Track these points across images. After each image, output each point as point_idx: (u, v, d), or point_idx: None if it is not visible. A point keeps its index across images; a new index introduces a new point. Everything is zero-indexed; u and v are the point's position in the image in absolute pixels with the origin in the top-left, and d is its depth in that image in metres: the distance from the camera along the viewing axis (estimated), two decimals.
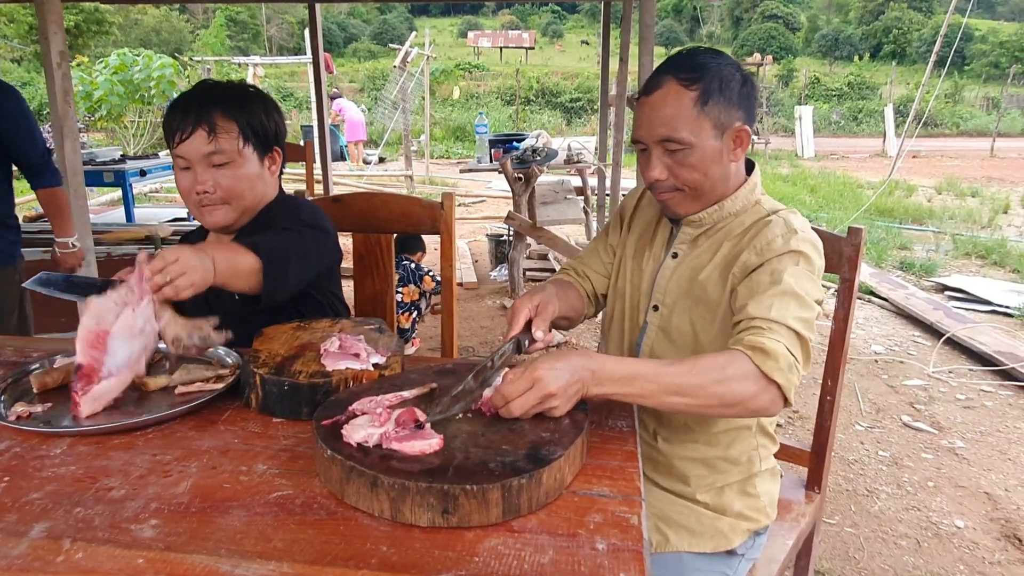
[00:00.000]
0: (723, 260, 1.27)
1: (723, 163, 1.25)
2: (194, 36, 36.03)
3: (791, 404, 1.11)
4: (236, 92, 1.52)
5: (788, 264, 1.18)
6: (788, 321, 1.11)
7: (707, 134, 1.21)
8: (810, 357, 1.15)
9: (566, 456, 0.93)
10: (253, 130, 1.50)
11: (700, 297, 1.29)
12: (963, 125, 24.17)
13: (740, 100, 1.23)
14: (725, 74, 1.22)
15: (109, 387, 1.15)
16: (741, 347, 1.10)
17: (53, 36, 3.00)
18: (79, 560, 0.79)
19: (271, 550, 0.81)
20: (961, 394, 3.75)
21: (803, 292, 1.15)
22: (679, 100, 1.21)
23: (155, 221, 5.32)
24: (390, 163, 15.04)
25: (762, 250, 1.21)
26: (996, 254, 6.76)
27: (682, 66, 1.22)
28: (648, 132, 1.24)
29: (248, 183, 1.51)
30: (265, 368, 1.17)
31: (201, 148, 1.45)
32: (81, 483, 0.96)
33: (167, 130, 1.48)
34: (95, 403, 1.14)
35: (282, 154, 1.61)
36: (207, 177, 1.47)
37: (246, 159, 1.50)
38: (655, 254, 1.39)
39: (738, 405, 1.07)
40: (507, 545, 0.83)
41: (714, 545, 1.32)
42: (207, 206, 1.50)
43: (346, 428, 0.97)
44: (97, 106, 11.50)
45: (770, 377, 1.07)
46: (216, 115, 1.45)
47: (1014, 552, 2.42)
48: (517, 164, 5.07)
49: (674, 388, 1.04)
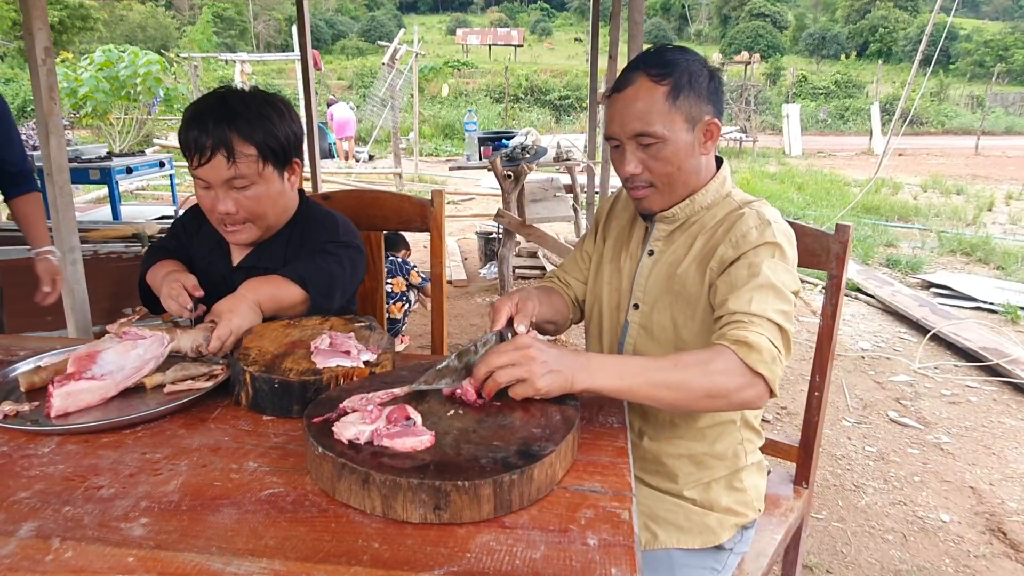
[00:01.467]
0: (699, 254, 1.29)
1: (695, 156, 1.27)
2: (180, 32, 35.79)
3: (776, 396, 1.12)
4: (250, 108, 1.45)
5: (764, 256, 1.19)
6: (768, 314, 1.13)
7: (679, 127, 1.24)
8: (791, 348, 1.17)
9: (557, 452, 0.94)
10: (271, 149, 1.46)
11: (679, 292, 1.30)
12: (948, 123, 24.41)
13: (709, 94, 1.26)
14: (694, 69, 1.24)
15: (89, 388, 1.14)
16: (725, 342, 1.11)
17: (38, 32, 2.96)
18: (68, 559, 0.79)
19: (263, 548, 0.81)
20: (947, 390, 3.79)
21: (781, 284, 1.17)
22: (651, 95, 1.22)
23: (142, 219, 5.29)
24: (379, 160, 15.00)
25: (738, 243, 1.23)
26: (981, 251, 6.84)
27: (652, 62, 1.24)
28: (621, 127, 1.26)
29: (270, 202, 1.51)
30: (255, 366, 1.17)
31: (221, 173, 1.42)
32: (70, 482, 0.95)
33: (185, 148, 1.44)
34: (67, 400, 1.11)
35: (301, 162, 1.59)
36: (229, 200, 1.45)
37: (267, 179, 1.48)
38: (632, 253, 1.41)
39: (724, 398, 1.08)
40: (499, 541, 0.83)
41: (703, 541, 1.33)
42: (231, 227, 1.50)
43: (337, 425, 0.97)
44: (82, 103, 11.39)
45: (755, 370, 1.08)
46: (234, 139, 1.41)
47: (998, 545, 2.45)
48: (507, 162, 5.07)
49: (661, 382, 1.05)
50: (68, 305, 2.90)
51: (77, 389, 1.13)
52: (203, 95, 1.50)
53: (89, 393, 1.14)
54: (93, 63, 11.39)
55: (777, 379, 1.10)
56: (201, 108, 1.45)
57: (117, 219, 5.71)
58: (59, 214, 2.91)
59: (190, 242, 1.67)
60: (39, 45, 2.97)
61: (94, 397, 1.15)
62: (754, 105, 19.21)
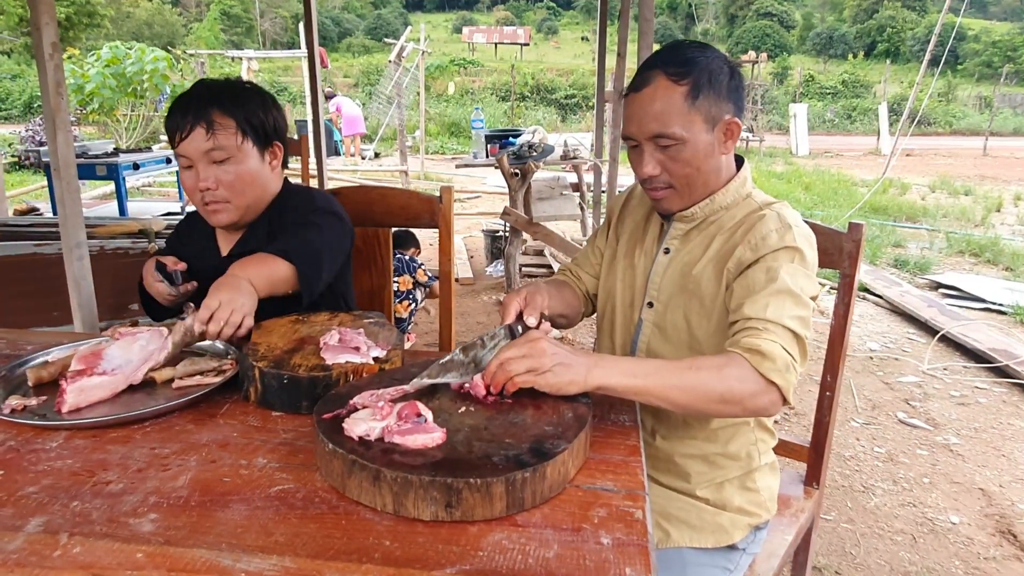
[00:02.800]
0: (716, 254, 1.27)
1: (715, 156, 1.25)
2: (187, 30, 35.84)
3: (790, 403, 1.10)
4: (232, 89, 1.54)
5: (784, 261, 1.17)
6: (784, 320, 1.11)
7: (699, 128, 1.21)
8: (807, 355, 1.15)
9: (569, 450, 0.92)
10: (251, 125, 1.52)
11: (694, 292, 1.28)
12: (956, 124, 24.28)
13: (729, 93, 1.23)
14: (714, 67, 1.21)
15: (100, 383, 1.14)
16: (738, 349, 1.09)
17: (45, 27, 2.95)
18: (77, 555, 0.78)
19: (273, 544, 0.80)
20: (955, 391, 3.76)
21: (799, 290, 1.15)
22: (669, 95, 1.20)
23: (148, 215, 5.29)
24: (385, 158, 15.00)
25: (757, 245, 1.20)
26: (989, 252, 6.79)
27: (670, 61, 1.21)
28: (639, 128, 1.23)
29: (249, 179, 1.54)
30: (264, 361, 1.16)
31: (200, 145, 1.47)
32: (78, 477, 0.94)
33: (169, 131, 1.51)
34: (81, 395, 1.12)
35: (283, 148, 1.63)
36: (209, 174, 1.49)
37: (246, 154, 1.52)
38: (647, 251, 1.39)
39: (737, 404, 1.07)
40: (511, 539, 0.82)
41: (715, 540, 1.32)
42: (211, 205, 1.53)
43: (347, 422, 0.96)
44: (89, 99, 11.41)
45: (768, 378, 1.07)
46: (213, 112, 1.48)
47: (1008, 548, 2.43)
48: (513, 160, 5.06)
49: (675, 384, 1.04)
50: (75, 301, 2.90)
51: (90, 385, 1.13)
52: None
53: (101, 388, 1.14)
54: (100, 59, 11.41)
55: (791, 387, 1.08)
56: (184, 93, 1.53)
57: (124, 215, 5.72)
58: (66, 209, 2.90)
59: (184, 246, 1.69)
60: (46, 40, 2.96)
61: (105, 392, 1.15)
62: (761, 104, 19.15)
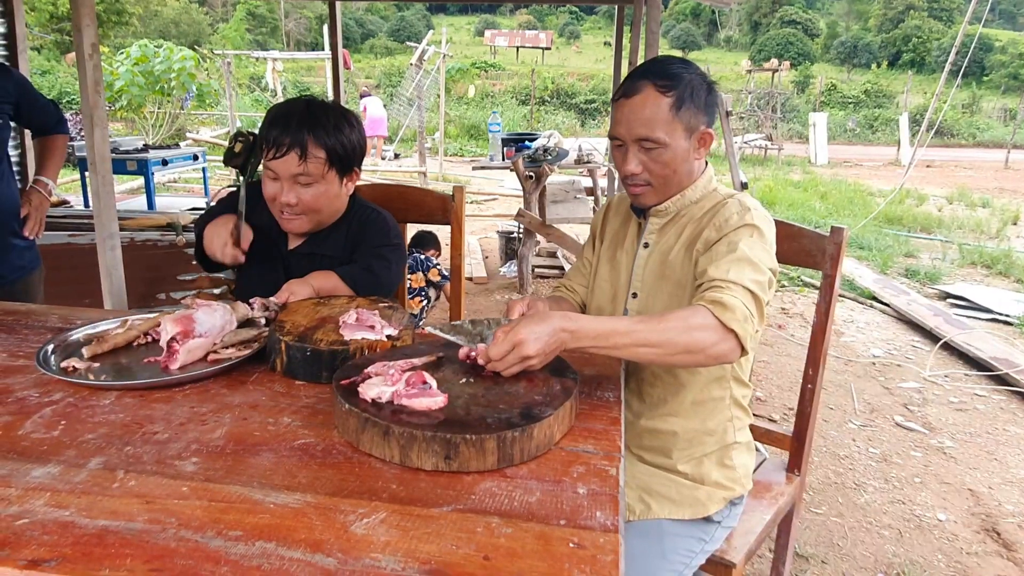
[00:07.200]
0: (687, 240, 1.43)
1: (689, 160, 1.43)
2: (213, 29, 36.35)
3: (748, 352, 1.24)
4: (329, 116, 1.66)
5: (743, 236, 1.33)
6: (744, 282, 1.26)
7: (679, 135, 1.38)
8: (764, 314, 1.29)
9: (555, 416, 1.06)
10: (339, 156, 1.67)
11: (671, 277, 1.45)
12: (979, 136, 24.07)
13: (706, 106, 1.41)
14: (695, 83, 1.38)
15: (200, 344, 1.32)
16: (703, 302, 1.24)
17: (86, 28, 3.13)
18: (132, 487, 0.92)
19: (296, 484, 0.94)
20: (955, 397, 3.84)
21: (756, 259, 1.30)
22: (657, 105, 1.36)
23: (175, 209, 5.47)
24: (404, 159, 15.21)
25: (720, 226, 1.37)
26: (1002, 264, 6.82)
27: (659, 74, 1.37)
28: (628, 131, 1.40)
29: (327, 200, 1.71)
30: (289, 336, 1.30)
31: (291, 168, 1.62)
32: (129, 428, 1.09)
33: (264, 140, 1.64)
34: (189, 355, 1.30)
35: (359, 172, 1.79)
36: (292, 193, 1.65)
37: (329, 181, 1.68)
38: (627, 249, 1.55)
39: (700, 352, 1.20)
40: (500, 487, 0.95)
41: (692, 512, 1.45)
42: (287, 214, 1.69)
43: (362, 387, 1.10)
44: (117, 96, 11.72)
45: (728, 327, 1.20)
46: (309, 141, 1.61)
47: (991, 544, 2.52)
48: (529, 163, 5.20)
49: (643, 340, 1.17)
50: (106, 288, 3.07)
51: (195, 345, 1.31)
52: (289, 99, 1.72)
53: (200, 349, 1.32)
54: (129, 57, 11.72)
55: (749, 336, 1.22)
56: (286, 110, 1.66)
57: (152, 209, 5.92)
58: (100, 202, 3.07)
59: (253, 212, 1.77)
60: (86, 41, 3.14)
61: (202, 351, 1.32)
62: (780, 113, 19.15)
